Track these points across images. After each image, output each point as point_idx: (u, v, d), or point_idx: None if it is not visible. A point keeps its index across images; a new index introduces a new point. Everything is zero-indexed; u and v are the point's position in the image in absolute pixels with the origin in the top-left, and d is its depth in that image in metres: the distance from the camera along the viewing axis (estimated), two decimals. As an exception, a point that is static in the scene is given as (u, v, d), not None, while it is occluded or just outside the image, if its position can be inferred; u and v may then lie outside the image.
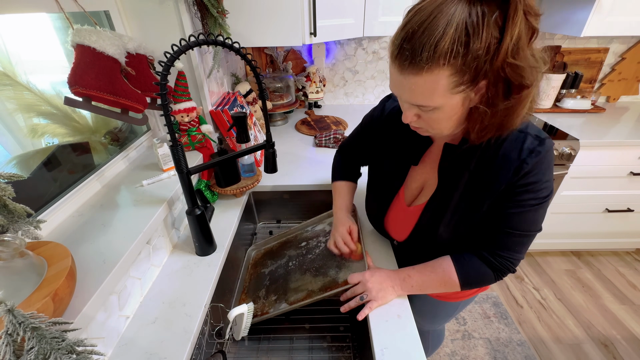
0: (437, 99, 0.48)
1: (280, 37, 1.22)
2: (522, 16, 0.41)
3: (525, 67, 0.44)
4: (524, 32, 0.43)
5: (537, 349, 1.52)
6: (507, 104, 0.47)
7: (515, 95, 0.47)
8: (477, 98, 0.49)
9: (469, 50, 0.42)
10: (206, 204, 0.87)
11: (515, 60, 0.43)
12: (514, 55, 0.43)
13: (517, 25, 0.41)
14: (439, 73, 0.45)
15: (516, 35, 0.42)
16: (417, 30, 0.44)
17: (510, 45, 0.42)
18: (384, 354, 0.61)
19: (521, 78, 0.45)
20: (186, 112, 0.99)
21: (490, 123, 0.51)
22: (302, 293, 0.79)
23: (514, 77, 0.45)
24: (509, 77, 0.45)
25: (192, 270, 0.80)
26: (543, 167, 0.55)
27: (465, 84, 0.46)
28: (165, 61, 0.59)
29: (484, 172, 0.59)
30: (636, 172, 1.60)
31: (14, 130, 0.76)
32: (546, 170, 0.56)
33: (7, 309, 0.34)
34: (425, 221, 0.69)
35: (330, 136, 1.41)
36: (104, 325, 0.60)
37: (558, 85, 1.79)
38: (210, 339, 0.78)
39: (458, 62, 0.43)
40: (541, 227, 0.61)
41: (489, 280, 0.65)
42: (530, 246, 0.62)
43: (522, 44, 0.43)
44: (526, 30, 0.43)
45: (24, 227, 0.44)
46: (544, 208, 0.58)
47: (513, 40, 0.42)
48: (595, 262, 1.99)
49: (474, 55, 0.43)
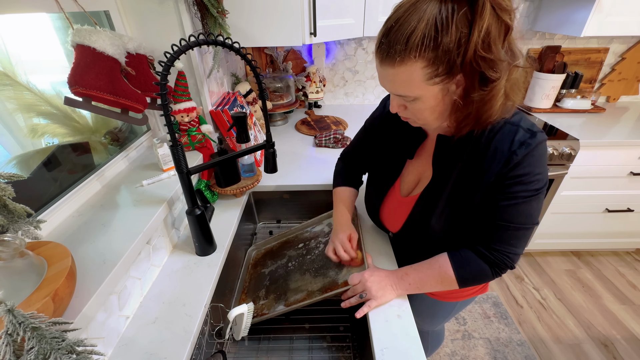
0: (415, 90, 0.52)
1: (281, 37, 1.22)
2: (491, 10, 0.44)
3: (495, 60, 0.46)
4: (493, 27, 0.45)
5: (537, 349, 1.52)
6: (480, 95, 0.50)
7: (485, 87, 0.49)
8: (459, 91, 0.52)
9: (439, 43, 0.45)
10: (206, 204, 0.87)
11: (486, 54, 0.45)
12: (485, 49, 0.45)
13: (484, 19, 0.43)
14: (412, 65, 0.48)
15: (485, 29, 0.44)
16: (393, 26, 0.48)
17: (480, 39, 0.44)
18: (384, 354, 0.61)
19: (492, 71, 0.47)
20: (186, 112, 0.99)
21: (466, 114, 0.53)
22: (302, 293, 0.79)
23: (487, 69, 0.47)
24: (483, 69, 0.47)
25: (192, 270, 0.80)
26: (534, 159, 0.55)
27: (440, 76, 0.49)
28: (165, 61, 0.59)
29: (475, 164, 0.60)
30: (636, 172, 1.60)
31: (14, 130, 0.76)
32: (537, 163, 0.56)
33: (7, 309, 0.34)
34: (418, 212, 0.71)
35: (330, 136, 1.41)
36: (104, 325, 0.60)
37: (558, 85, 1.79)
38: (210, 339, 0.78)
39: (429, 55, 0.47)
40: (537, 221, 0.60)
41: (486, 276, 0.64)
42: (529, 245, 0.62)
43: (493, 38, 0.45)
44: (497, 25, 0.45)
45: (24, 227, 0.44)
46: (537, 201, 0.58)
47: (482, 35, 0.44)
48: (595, 262, 1.99)
49: (444, 48, 0.46)
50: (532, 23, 1.77)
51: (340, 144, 1.41)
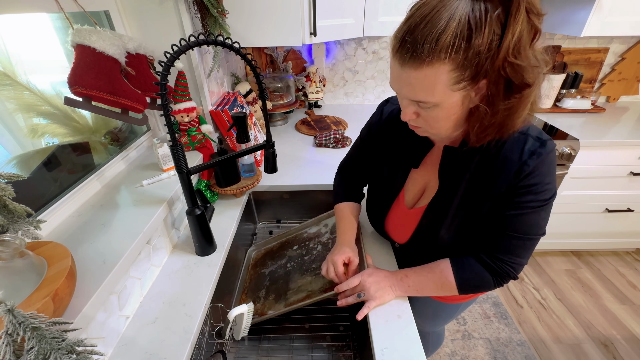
0: (437, 95, 0.48)
1: (280, 37, 1.22)
2: (525, 14, 0.41)
3: (526, 67, 0.44)
4: (525, 31, 0.42)
5: (537, 349, 1.52)
6: (507, 104, 0.47)
7: (515, 95, 0.46)
8: (477, 98, 0.49)
9: (471, 45, 0.42)
10: (206, 204, 0.87)
11: (516, 60, 0.43)
12: (515, 53, 0.43)
13: (519, 23, 0.41)
14: (439, 67, 0.44)
15: (517, 33, 0.41)
16: (419, 23, 0.44)
17: (512, 43, 0.42)
18: (384, 354, 0.61)
19: (522, 77, 0.44)
20: (186, 112, 0.99)
21: (490, 123, 0.50)
22: (302, 293, 0.79)
23: (515, 77, 0.44)
24: (510, 76, 0.44)
25: (192, 270, 0.80)
26: (544, 168, 0.54)
27: (465, 81, 0.46)
28: (165, 61, 0.59)
29: (485, 175, 0.58)
30: (636, 172, 1.60)
31: (14, 130, 0.76)
32: (548, 172, 0.55)
33: (7, 309, 0.34)
34: (426, 224, 0.69)
35: (330, 136, 1.41)
36: (104, 325, 0.60)
37: (558, 85, 1.79)
38: (210, 339, 0.78)
39: (459, 57, 0.43)
40: (544, 231, 0.59)
41: (488, 286, 0.64)
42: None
43: (523, 43, 0.43)
44: (528, 29, 0.43)
45: (24, 227, 0.44)
46: (546, 211, 0.57)
47: (515, 38, 0.42)
48: (595, 262, 1.99)
49: (475, 50, 0.42)
50: (532, 23, 1.76)
51: (340, 144, 1.41)
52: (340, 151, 1.39)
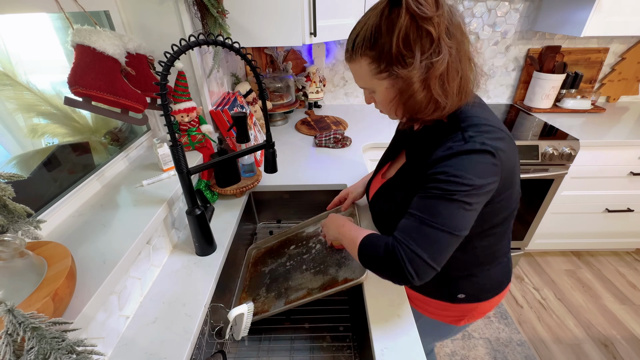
0: (369, 83, 0.61)
1: (280, 37, 1.22)
2: (408, 16, 0.51)
3: (412, 61, 0.53)
4: (411, 31, 0.51)
5: (537, 349, 1.52)
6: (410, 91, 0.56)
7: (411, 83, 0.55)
8: (398, 85, 0.57)
9: (378, 44, 0.55)
10: (206, 204, 0.87)
11: (406, 53, 0.53)
12: (406, 47, 0.53)
13: (402, 25, 0.51)
14: (361, 61, 0.59)
15: (403, 32, 0.51)
16: (351, 31, 0.60)
17: (400, 43, 0.52)
18: (384, 354, 0.61)
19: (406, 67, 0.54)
20: (186, 112, 0.99)
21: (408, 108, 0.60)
22: (302, 291, 0.79)
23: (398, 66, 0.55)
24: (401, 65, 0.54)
25: (192, 270, 0.80)
26: (453, 162, 0.55)
27: (385, 72, 0.57)
28: (165, 61, 0.59)
29: (416, 156, 0.67)
30: (636, 172, 1.60)
31: (14, 130, 0.76)
32: (456, 166, 0.55)
33: (7, 309, 0.34)
34: (376, 192, 0.79)
35: (330, 136, 1.41)
36: (104, 325, 0.60)
37: (558, 85, 1.79)
38: (210, 339, 0.78)
39: (373, 53, 0.56)
40: (450, 230, 0.55)
41: (377, 255, 0.60)
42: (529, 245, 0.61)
43: (411, 42, 0.52)
44: (414, 30, 0.51)
45: (24, 227, 0.44)
46: (447, 202, 0.55)
47: (401, 37, 0.52)
48: (595, 262, 1.99)
49: (381, 48, 0.55)
50: (532, 23, 1.77)
51: (340, 144, 1.41)
52: (340, 151, 1.39)
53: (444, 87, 0.55)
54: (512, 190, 0.63)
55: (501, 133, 0.58)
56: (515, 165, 0.62)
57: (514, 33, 1.80)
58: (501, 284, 0.80)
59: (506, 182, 0.60)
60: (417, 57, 0.52)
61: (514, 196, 0.65)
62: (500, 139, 0.57)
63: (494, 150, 0.55)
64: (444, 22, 0.52)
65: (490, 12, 1.75)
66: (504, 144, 0.57)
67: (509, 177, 0.60)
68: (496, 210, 0.63)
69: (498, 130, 0.58)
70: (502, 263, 0.77)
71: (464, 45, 0.56)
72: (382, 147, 1.38)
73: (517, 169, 0.63)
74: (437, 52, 0.52)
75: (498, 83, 1.98)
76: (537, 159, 1.53)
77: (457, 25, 0.55)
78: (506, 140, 0.58)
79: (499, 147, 0.55)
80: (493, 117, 0.62)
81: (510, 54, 1.88)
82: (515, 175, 0.63)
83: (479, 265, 0.74)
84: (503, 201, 0.62)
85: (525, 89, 1.95)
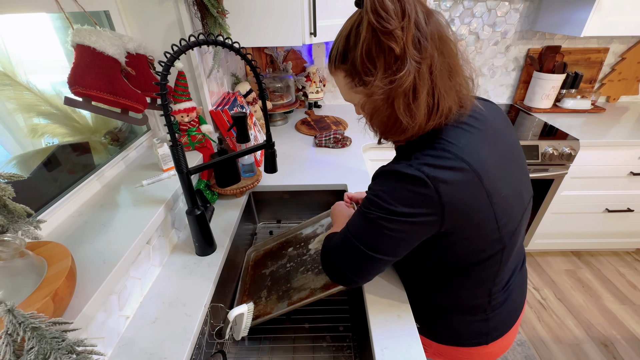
0: (347, 95, 0.59)
1: (280, 37, 1.22)
2: (370, 30, 0.47)
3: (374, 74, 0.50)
4: (373, 45, 0.48)
5: (537, 349, 1.52)
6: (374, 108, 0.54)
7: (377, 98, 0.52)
8: (372, 100, 0.53)
9: (347, 57, 0.53)
10: (206, 204, 0.87)
11: (370, 66, 0.50)
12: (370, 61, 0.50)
13: (362, 36, 0.48)
14: (337, 74, 0.57)
15: (366, 46, 0.48)
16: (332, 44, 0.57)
17: (363, 53, 0.49)
18: (384, 354, 0.61)
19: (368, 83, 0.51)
20: (186, 112, 0.99)
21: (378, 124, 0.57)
22: (305, 292, 0.79)
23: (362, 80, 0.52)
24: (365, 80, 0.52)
25: (192, 270, 0.80)
26: (381, 180, 0.54)
27: (358, 84, 0.54)
28: (165, 61, 0.59)
29: None
30: (636, 172, 1.60)
31: (14, 130, 0.76)
32: (382, 185, 0.53)
33: (7, 309, 0.34)
34: None
35: (330, 136, 1.41)
36: (104, 325, 0.60)
37: (558, 85, 1.80)
38: (210, 339, 0.78)
39: (344, 67, 0.54)
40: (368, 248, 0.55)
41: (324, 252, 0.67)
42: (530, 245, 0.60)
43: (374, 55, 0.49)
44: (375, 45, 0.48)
45: (24, 227, 0.44)
46: (370, 224, 0.54)
47: (364, 51, 0.49)
48: (595, 262, 1.99)
49: (352, 61, 0.52)
50: (532, 23, 1.77)
51: (340, 144, 1.41)
52: (340, 151, 1.39)
53: (409, 107, 0.49)
54: (480, 232, 0.53)
55: (460, 163, 0.48)
56: (481, 205, 0.50)
57: (514, 33, 1.80)
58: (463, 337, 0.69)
59: (463, 222, 0.51)
60: (380, 72, 0.49)
61: (489, 240, 0.55)
62: (449, 168, 0.48)
63: (429, 180, 0.47)
64: (410, 34, 0.46)
65: (490, 12, 1.75)
66: (456, 176, 0.47)
67: (468, 216, 0.50)
68: (455, 250, 0.56)
69: (457, 160, 0.48)
70: (476, 317, 0.66)
71: (441, 58, 0.48)
72: (382, 148, 1.38)
73: (488, 209, 0.51)
74: (400, 69, 0.47)
75: (498, 83, 1.98)
76: (537, 159, 1.53)
77: (434, 35, 0.47)
78: (462, 173, 0.48)
79: (439, 178, 0.47)
80: (474, 146, 0.51)
81: (510, 54, 1.88)
82: (482, 215, 0.51)
83: (439, 305, 0.68)
84: (466, 241, 0.54)
85: (525, 89, 1.95)
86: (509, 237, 0.56)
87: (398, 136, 0.54)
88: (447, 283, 0.63)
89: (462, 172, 0.48)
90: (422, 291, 0.70)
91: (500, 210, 0.52)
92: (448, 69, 0.50)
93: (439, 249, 0.57)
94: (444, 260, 0.59)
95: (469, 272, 0.60)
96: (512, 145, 0.59)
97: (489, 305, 0.65)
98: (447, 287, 0.64)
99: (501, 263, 0.59)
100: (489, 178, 0.50)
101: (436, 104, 0.50)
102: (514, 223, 0.57)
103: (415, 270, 0.69)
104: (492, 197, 0.50)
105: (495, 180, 0.51)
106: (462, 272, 0.60)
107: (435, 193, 0.47)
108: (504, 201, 0.53)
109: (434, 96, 0.49)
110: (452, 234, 0.52)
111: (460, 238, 0.53)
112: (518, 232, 0.59)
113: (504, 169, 0.54)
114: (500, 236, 0.55)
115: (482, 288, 0.62)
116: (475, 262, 0.57)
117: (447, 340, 0.71)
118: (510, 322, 0.69)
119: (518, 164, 0.60)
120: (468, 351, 0.71)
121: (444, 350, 0.73)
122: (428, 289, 0.68)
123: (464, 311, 0.67)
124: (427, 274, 0.66)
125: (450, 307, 0.67)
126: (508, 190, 0.54)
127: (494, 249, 0.56)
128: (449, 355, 0.74)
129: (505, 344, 0.71)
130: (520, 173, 0.60)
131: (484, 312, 0.65)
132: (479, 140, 0.52)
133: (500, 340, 0.69)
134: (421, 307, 0.71)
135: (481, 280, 0.61)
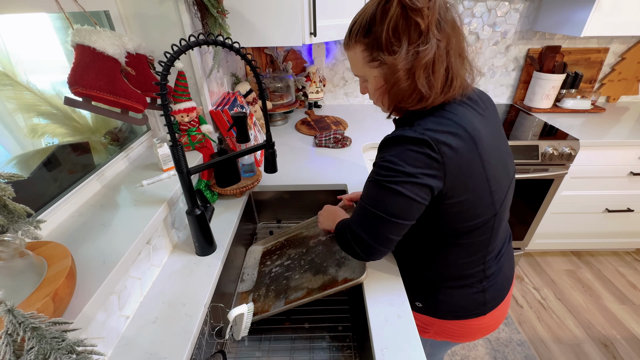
0: (361, 70, 0.63)
1: (280, 37, 1.22)
2: (399, 8, 0.52)
3: (398, 50, 0.54)
4: (400, 21, 0.53)
5: (537, 349, 1.52)
6: (393, 80, 0.57)
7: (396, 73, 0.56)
8: (386, 74, 0.58)
9: (372, 32, 0.56)
10: (206, 204, 0.87)
11: (394, 40, 0.54)
12: (396, 37, 0.54)
13: (392, 15, 0.52)
14: (355, 48, 0.60)
15: (393, 22, 0.53)
16: (352, 20, 0.62)
17: (390, 31, 0.53)
18: (384, 354, 0.61)
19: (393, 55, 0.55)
20: (186, 112, 0.99)
21: (392, 98, 0.60)
22: (302, 291, 0.79)
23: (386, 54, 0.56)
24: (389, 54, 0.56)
25: (192, 270, 0.80)
26: (388, 146, 0.58)
27: (376, 60, 0.58)
28: (165, 61, 0.59)
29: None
30: (636, 172, 1.60)
31: (14, 130, 0.76)
32: (389, 151, 0.57)
33: (7, 309, 0.34)
34: None
35: (330, 136, 1.41)
36: (104, 325, 0.60)
37: (558, 85, 1.79)
38: (210, 339, 0.78)
39: (365, 41, 0.58)
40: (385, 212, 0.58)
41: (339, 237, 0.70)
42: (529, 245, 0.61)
43: (400, 31, 0.53)
44: (404, 20, 0.53)
45: (24, 227, 0.44)
46: (382, 189, 0.57)
47: (391, 26, 0.53)
48: (595, 262, 1.99)
49: (374, 36, 0.56)
50: (532, 23, 1.77)
51: (340, 144, 1.41)
52: (340, 151, 1.39)
53: (428, 79, 0.55)
54: (475, 197, 0.59)
55: (457, 129, 0.54)
56: (475, 169, 0.56)
57: (514, 33, 1.80)
58: (464, 310, 0.73)
59: (460, 184, 0.56)
60: (404, 46, 0.53)
61: (482, 205, 0.60)
62: (450, 133, 0.54)
63: (432, 142, 0.52)
64: (434, 15, 0.52)
65: (490, 12, 1.75)
66: (454, 140, 0.53)
67: (464, 178, 0.56)
68: (453, 215, 0.60)
69: (455, 126, 0.55)
70: (472, 288, 0.71)
71: (455, 41, 0.55)
72: (382, 147, 1.39)
73: (481, 174, 0.57)
74: (424, 43, 0.53)
75: (498, 83, 1.98)
76: (537, 159, 1.53)
77: (450, 20, 0.55)
78: (460, 138, 0.54)
79: (442, 140, 0.53)
80: (470, 118, 0.57)
81: (510, 54, 1.88)
82: (476, 179, 0.57)
83: (439, 279, 0.72)
84: (463, 206, 0.58)
85: (525, 89, 1.95)
86: (499, 205, 0.63)
87: (414, 105, 0.59)
88: (445, 254, 0.68)
89: (459, 137, 0.54)
90: (422, 266, 0.74)
91: (491, 177, 0.59)
92: (460, 53, 0.57)
93: (437, 217, 0.61)
94: (442, 228, 0.64)
95: (464, 240, 0.65)
96: (498, 126, 0.66)
97: (484, 275, 0.70)
98: (445, 258, 0.69)
99: (493, 230, 0.65)
100: (482, 145, 0.56)
101: (450, 80, 0.56)
102: (502, 192, 0.63)
103: (415, 243, 0.72)
104: (484, 162, 0.57)
105: (487, 149, 0.57)
106: (458, 238, 0.65)
107: (438, 154, 0.53)
108: (494, 168, 0.59)
109: (448, 72, 0.56)
110: (450, 197, 0.57)
111: (457, 202, 0.58)
112: (505, 204, 0.66)
113: (493, 142, 0.60)
114: (493, 201, 0.61)
115: (477, 256, 0.68)
116: (470, 229, 0.63)
117: (449, 314, 0.75)
118: (503, 293, 0.75)
119: (504, 142, 0.67)
120: (468, 323, 0.75)
121: (445, 327, 0.78)
122: (427, 261, 0.72)
123: (462, 282, 0.71)
124: (426, 245, 0.70)
125: (449, 279, 0.71)
126: (497, 160, 0.60)
127: (487, 215, 0.62)
128: (449, 331, 0.78)
129: (500, 314, 0.77)
130: (505, 149, 0.67)
131: (480, 283, 0.71)
132: (473, 114, 0.60)
133: (496, 310, 0.75)
134: (422, 283, 0.75)
135: (476, 248, 0.67)
